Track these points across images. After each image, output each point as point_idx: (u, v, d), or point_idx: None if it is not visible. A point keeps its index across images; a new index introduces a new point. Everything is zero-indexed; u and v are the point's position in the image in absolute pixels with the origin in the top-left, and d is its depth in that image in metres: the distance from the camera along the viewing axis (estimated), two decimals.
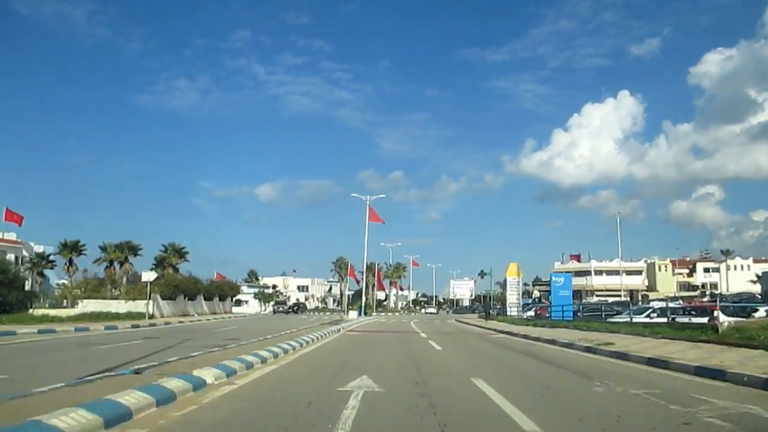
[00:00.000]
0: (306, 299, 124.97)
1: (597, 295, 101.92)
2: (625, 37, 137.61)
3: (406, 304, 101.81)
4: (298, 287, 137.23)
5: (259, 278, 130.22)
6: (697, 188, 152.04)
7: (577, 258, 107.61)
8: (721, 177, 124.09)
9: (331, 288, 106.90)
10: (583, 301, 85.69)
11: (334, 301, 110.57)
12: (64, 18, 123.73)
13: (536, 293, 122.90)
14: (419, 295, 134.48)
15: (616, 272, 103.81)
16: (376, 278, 54.12)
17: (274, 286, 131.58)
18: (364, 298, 50.14)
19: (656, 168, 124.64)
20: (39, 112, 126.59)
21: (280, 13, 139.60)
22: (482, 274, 52.53)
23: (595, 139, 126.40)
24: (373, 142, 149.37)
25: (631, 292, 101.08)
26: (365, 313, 48.19)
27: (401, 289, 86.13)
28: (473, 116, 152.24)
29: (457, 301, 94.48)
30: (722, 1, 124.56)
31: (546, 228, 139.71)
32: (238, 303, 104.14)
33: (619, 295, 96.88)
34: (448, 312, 78.59)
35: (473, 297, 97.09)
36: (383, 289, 79.80)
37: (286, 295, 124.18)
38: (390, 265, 76.52)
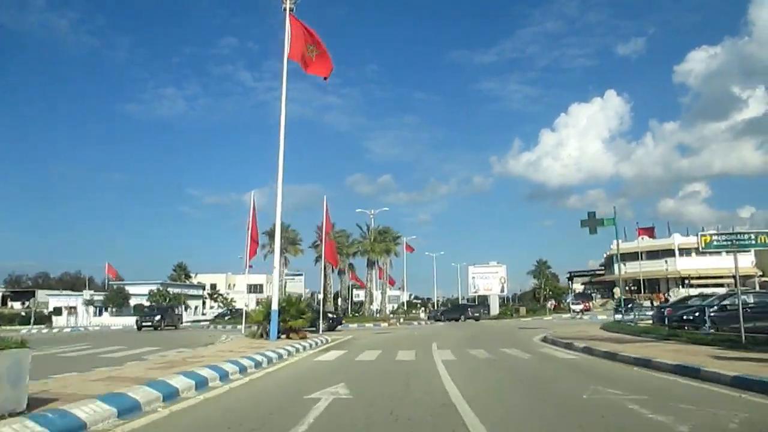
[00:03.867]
0: (258, 302, 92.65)
1: (689, 285, 70.34)
2: (612, 37, 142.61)
3: (398, 307, 69.72)
4: (250, 287, 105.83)
5: (192, 275, 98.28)
6: (684, 186, 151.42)
7: (650, 233, 75.68)
8: (707, 174, 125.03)
9: (285, 284, 73.98)
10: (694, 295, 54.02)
11: None
12: (49, 28, 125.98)
13: (578, 287, 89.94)
14: (412, 297, 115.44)
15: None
16: (324, 250, 21.62)
17: (213, 286, 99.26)
18: (276, 297, 17.25)
19: (643, 166, 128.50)
20: (25, 123, 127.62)
21: (266, 19, 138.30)
22: (594, 222, 19.37)
23: (582, 138, 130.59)
24: (363, 146, 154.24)
25: (736, 279, 69.57)
26: (288, 341, 15.62)
27: (391, 283, 53.63)
28: (462, 118, 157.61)
29: (484, 298, 61.94)
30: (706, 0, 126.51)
31: (537, 228, 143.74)
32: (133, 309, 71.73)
33: (721, 284, 65.22)
34: (438, 318, 45.60)
35: (504, 291, 64.49)
36: (358, 281, 47.88)
37: (229, 298, 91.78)
38: (370, 231, 44.35)
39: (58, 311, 66.66)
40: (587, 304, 64.07)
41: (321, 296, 32.60)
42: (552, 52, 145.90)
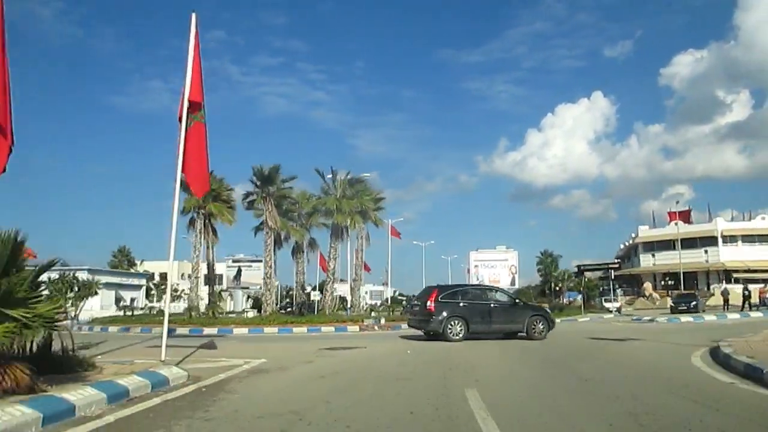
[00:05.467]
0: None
1: (741, 280, 57.63)
2: (599, 39, 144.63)
3: (380, 304, 56.36)
4: (206, 277, 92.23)
5: (138, 262, 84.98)
6: (667, 188, 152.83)
7: (685, 216, 62.98)
8: (690, 177, 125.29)
9: (238, 272, 60.25)
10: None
11: (249, 299, 64.68)
12: (32, 18, 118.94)
13: (588, 274, 76.83)
14: (397, 293, 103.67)
15: (767, 237, 59.76)
16: (180, 150, 9.47)
17: (162, 275, 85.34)
18: None
19: (628, 168, 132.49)
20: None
21: (255, 13, 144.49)
22: None
23: (568, 139, 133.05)
24: (349, 143, 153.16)
25: None
26: None
27: (366, 269, 39.26)
28: (449, 117, 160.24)
29: None
30: (694, 3, 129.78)
31: (521, 228, 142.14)
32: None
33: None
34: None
35: (514, 283, 51.54)
36: (323, 267, 34.25)
37: (179, 289, 77.45)
38: (337, 183, 28.97)
39: None
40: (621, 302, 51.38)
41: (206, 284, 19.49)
42: (540, 52, 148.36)
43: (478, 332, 16.00)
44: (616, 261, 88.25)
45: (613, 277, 46.02)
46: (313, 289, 54.63)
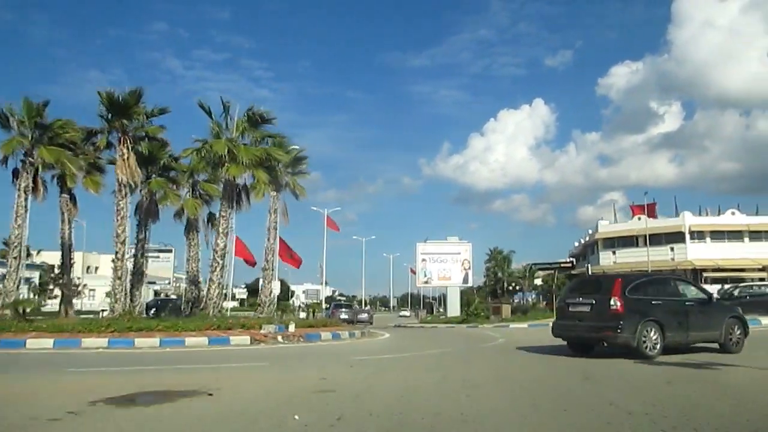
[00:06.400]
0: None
1: (710, 279, 53.03)
2: (541, 48, 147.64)
3: (308, 306, 48.34)
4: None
5: (33, 252, 73.38)
6: (602, 194, 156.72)
7: (651, 210, 57.92)
8: (624, 184, 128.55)
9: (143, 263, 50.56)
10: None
11: (160, 295, 55.86)
12: None
13: (538, 282, 72.28)
14: (336, 293, 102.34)
15: (737, 234, 55.46)
16: None
17: (57, 267, 74.54)
18: None
19: (566, 174, 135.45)
20: None
21: (199, 6, 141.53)
22: None
23: (509, 144, 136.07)
24: (292, 142, 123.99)
25: None
26: None
27: (283, 256, 28.47)
28: (394, 119, 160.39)
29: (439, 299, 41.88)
30: (631, 17, 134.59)
31: (463, 230, 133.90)
32: None
33: (741, 279, 48.14)
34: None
35: (468, 281, 44.96)
36: (244, 254, 25.38)
37: (80, 284, 66.85)
38: (233, 123, 19.32)
39: None
40: None
41: None
42: (483, 59, 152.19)
43: (672, 344, 10.18)
44: (569, 260, 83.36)
45: (590, 272, 39.89)
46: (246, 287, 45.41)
